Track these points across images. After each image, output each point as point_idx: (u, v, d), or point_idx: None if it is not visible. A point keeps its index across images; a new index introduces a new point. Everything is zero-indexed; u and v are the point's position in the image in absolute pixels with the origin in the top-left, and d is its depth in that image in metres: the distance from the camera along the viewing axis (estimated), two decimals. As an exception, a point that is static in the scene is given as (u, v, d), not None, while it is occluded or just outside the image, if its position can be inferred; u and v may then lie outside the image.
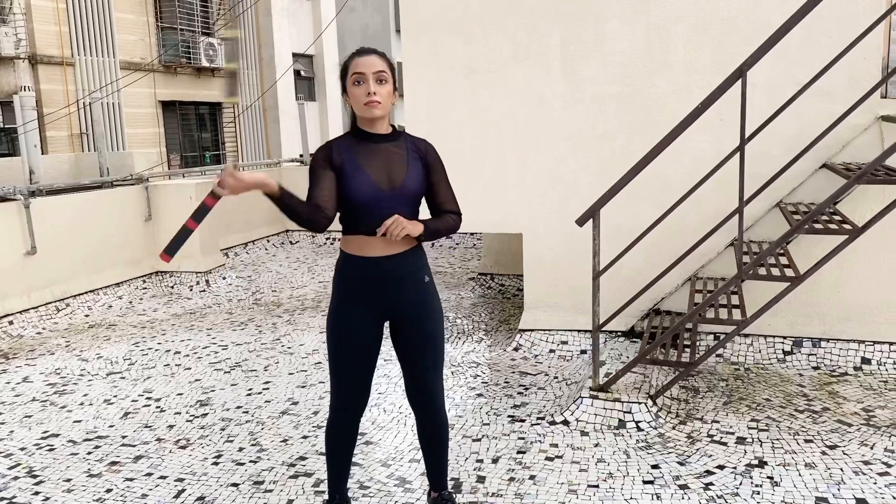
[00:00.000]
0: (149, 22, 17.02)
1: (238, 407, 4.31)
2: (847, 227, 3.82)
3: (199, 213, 2.47)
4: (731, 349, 4.74)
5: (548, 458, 3.48)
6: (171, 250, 2.46)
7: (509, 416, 4.00)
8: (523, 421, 3.94)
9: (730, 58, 4.41)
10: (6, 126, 14.08)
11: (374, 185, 2.53)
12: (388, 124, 2.64)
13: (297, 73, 21.02)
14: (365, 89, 2.50)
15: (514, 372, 4.74)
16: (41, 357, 5.48)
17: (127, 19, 16.36)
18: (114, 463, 3.63)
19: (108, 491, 3.34)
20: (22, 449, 3.83)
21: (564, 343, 5.11)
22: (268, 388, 4.60)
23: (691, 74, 4.72)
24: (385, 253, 2.58)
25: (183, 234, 2.47)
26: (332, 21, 17.55)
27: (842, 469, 3.26)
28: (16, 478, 3.50)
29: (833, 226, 3.91)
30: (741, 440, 3.59)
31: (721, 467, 3.32)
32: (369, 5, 26.49)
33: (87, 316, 6.78)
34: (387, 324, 2.73)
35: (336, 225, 2.59)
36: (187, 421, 4.13)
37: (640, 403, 3.84)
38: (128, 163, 10.73)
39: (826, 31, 4.36)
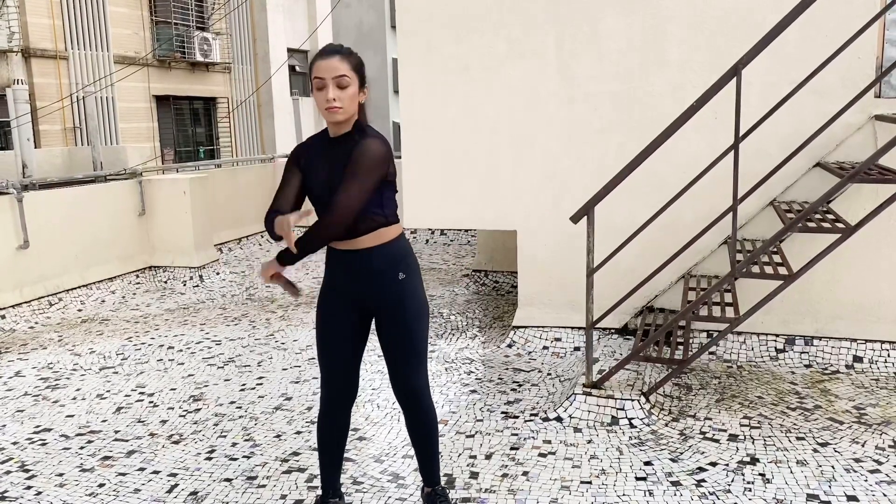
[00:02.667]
0: (143, 16, 16.94)
1: (231, 402, 4.31)
2: (840, 225, 3.84)
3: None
4: (723, 347, 4.75)
5: (541, 455, 3.49)
6: None
7: (503, 413, 4.01)
8: (517, 417, 3.94)
9: (725, 56, 4.42)
10: (-1, 119, 14.00)
11: (322, 186, 2.60)
12: (353, 124, 2.59)
13: (291, 68, 20.96)
14: (324, 95, 2.49)
15: (507, 368, 4.75)
16: (34, 351, 5.46)
17: (121, 13, 16.28)
18: (106, 458, 3.62)
19: (101, 486, 3.33)
20: (14, 443, 3.82)
21: (558, 340, 5.12)
22: (261, 384, 4.60)
23: (686, 73, 4.73)
24: (354, 247, 2.61)
25: None
26: (328, 17, 17.52)
27: (833, 466, 3.27)
28: (8, 472, 3.49)
29: (826, 224, 3.92)
30: (733, 437, 3.60)
31: (713, 464, 3.33)
32: (364, 1, 26.43)
33: (79, 310, 6.76)
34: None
35: None
36: (180, 416, 4.12)
37: (633, 400, 3.85)
38: (121, 157, 10.70)
39: (821, 30, 4.37)
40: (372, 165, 2.50)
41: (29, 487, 3.34)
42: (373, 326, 2.77)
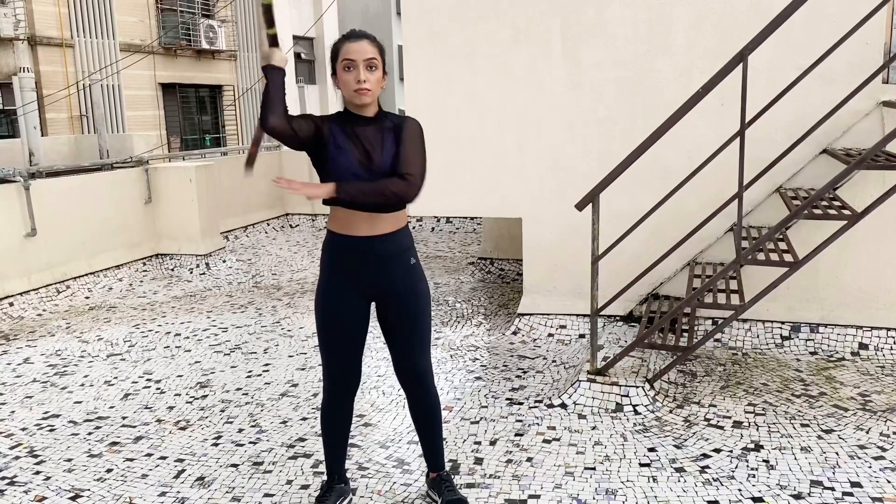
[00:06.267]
0: (149, 3, 16.93)
1: (238, 389, 4.33)
2: (846, 212, 3.82)
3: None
4: (729, 334, 4.75)
5: (545, 441, 3.51)
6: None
7: (507, 399, 4.02)
8: (521, 404, 3.96)
9: (731, 42, 4.39)
10: (6, 107, 14.04)
11: (353, 163, 2.55)
12: (377, 106, 2.65)
13: (297, 55, 20.92)
14: (355, 76, 2.52)
15: (512, 356, 4.76)
16: (42, 338, 5.50)
17: (127, 1, 16.26)
18: (114, 443, 3.65)
19: (109, 471, 3.36)
20: (23, 429, 3.86)
21: (563, 327, 5.13)
22: (267, 371, 4.62)
23: (692, 59, 4.70)
24: (370, 233, 2.60)
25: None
26: (333, 3, 17.48)
27: (837, 453, 3.28)
28: (17, 457, 3.53)
29: (832, 211, 3.90)
30: (738, 424, 3.60)
31: (717, 451, 3.34)
32: (370, -12, 26.33)
33: (87, 298, 6.80)
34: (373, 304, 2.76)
35: (326, 209, 2.63)
36: (187, 402, 4.15)
37: (637, 387, 3.85)
38: (127, 145, 10.73)
39: (828, 16, 4.34)
40: (424, 141, 2.63)
41: (38, 472, 3.37)
42: (373, 312, 2.77)
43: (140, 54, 15.08)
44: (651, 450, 3.37)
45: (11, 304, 6.20)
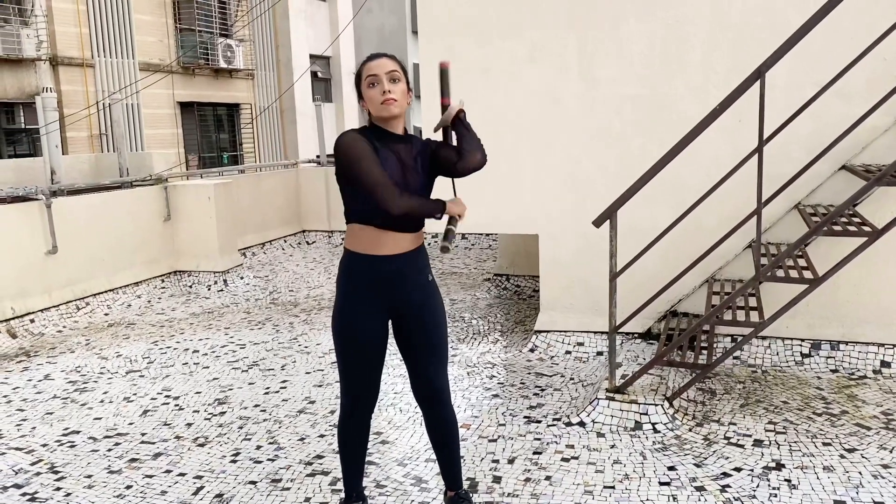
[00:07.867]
0: (167, 23, 17.16)
1: (256, 405, 4.34)
2: (866, 228, 3.79)
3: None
4: (748, 351, 4.71)
5: (564, 459, 3.49)
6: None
7: (525, 417, 4.01)
8: (539, 422, 3.94)
9: (748, 58, 4.38)
10: (28, 126, 14.25)
11: (394, 173, 2.58)
12: (403, 126, 2.68)
13: (314, 74, 21.12)
14: (380, 89, 2.56)
15: (529, 373, 4.74)
16: (62, 355, 5.55)
17: (146, 21, 16.50)
18: (133, 460, 3.67)
19: (128, 487, 3.38)
20: (44, 445, 3.89)
21: (581, 344, 5.11)
22: (285, 387, 4.64)
23: (709, 75, 4.71)
24: (393, 251, 2.61)
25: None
26: (350, 23, 17.63)
27: (860, 472, 3.23)
28: (38, 473, 3.55)
29: (852, 228, 3.88)
30: (758, 443, 3.57)
31: (738, 469, 3.31)
32: (385, 6, 26.57)
33: (106, 315, 6.86)
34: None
35: (342, 225, 2.65)
36: (205, 419, 4.17)
37: (656, 405, 3.83)
38: (147, 163, 10.84)
39: (846, 32, 4.33)
40: None
41: (58, 489, 3.39)
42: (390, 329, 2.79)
43: (159, 73, 15.27)
44: (671, 468, 3.35)
45: (32, 321, 6.27)
